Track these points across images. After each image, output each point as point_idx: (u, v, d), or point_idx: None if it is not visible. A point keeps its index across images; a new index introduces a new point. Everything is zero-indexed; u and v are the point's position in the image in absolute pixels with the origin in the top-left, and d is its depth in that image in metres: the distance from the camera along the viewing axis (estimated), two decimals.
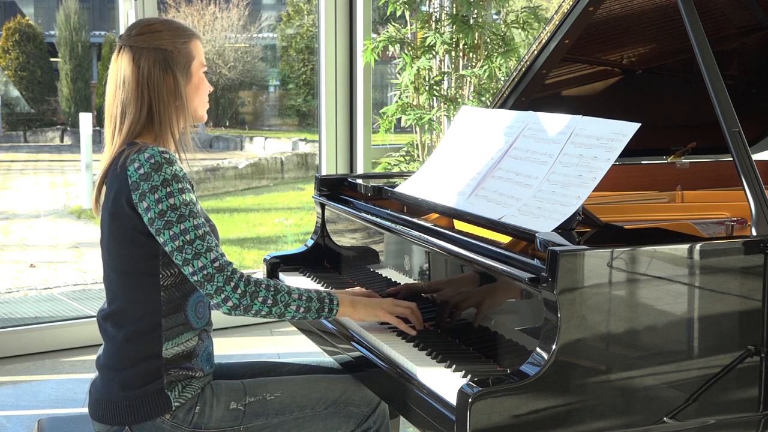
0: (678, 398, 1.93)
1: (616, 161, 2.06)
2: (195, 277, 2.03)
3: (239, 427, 2.14)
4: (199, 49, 2.20)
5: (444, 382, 1.92)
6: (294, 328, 2.52)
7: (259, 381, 2.24)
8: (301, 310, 2.11)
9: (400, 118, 4.92)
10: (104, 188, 2.13)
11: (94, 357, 2.21)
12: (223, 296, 2.02)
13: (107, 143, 2.16)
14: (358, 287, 2.52)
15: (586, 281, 1.83)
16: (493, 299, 2.07)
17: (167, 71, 2.13)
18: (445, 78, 5.02)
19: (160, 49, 2.13)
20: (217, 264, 2.03)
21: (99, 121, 9.24)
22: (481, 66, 4.77)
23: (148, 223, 2.03)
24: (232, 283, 2.03)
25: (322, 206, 2.90)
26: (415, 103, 4.97)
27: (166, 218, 2.01)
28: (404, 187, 2.56)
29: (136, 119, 2.12)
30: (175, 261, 2.04)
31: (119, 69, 2.14)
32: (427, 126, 4.85)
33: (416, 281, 2.37)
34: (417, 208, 2.53)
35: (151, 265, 2.07)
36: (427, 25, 4.94)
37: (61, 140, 9.33)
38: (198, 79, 2.21)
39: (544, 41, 2.78)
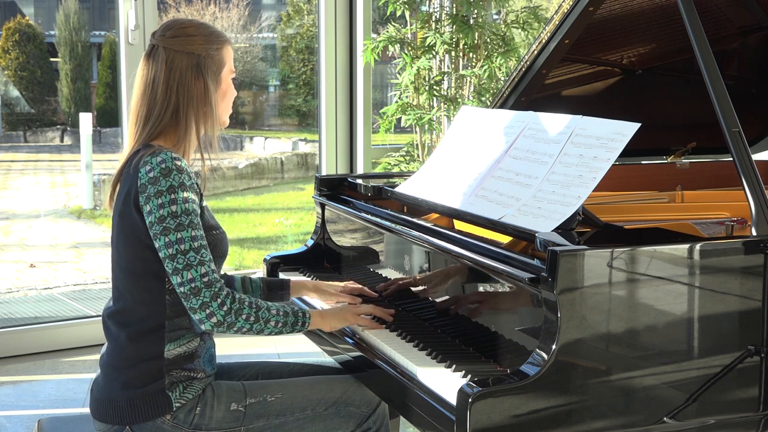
0: (678, 398, 1.93)
1: (616, 161, 2.06)
2: (182, 289, 2.01)
3: (240, 428, 2.14)
4: (230, 55, 2.21)
5: (444, 382, 1.92)
6: None
7: (260, 382, 2.24)
8: (279, 325, 2.11)
9: (400, 118, 4.92)
10: (118, 187, 2.14)
11: (94, 357, 2.22)
12: (207, 312, 2.01)
13: (128, 142, 2.16)
14: (351, 281, 2.52)
15: (586, 281, 1.83)
16: (493, 299, 2.07)
17: (199, 77, 2.13)
18: (445, 78, 5.02)
19: (194, 54, 2.13)
20: (206, 279, 2.01)
21: (99, 121, 9.22)
22: (481, 66, 4.77)
23: (148, 226, 2.03)
24: (219, 300, 2.01)
25: (322, 206, 2.90)
26: (415, 103, 4.97)
27: (164, 224, 2.01)
28: (404, 187, 2.56)
29: (159, 120, 2.12)
30: (166, 269, 2.03)
31: (150, 69, 2.14)
32: (427, 126, 4.84)
33: (415, 280, 2.37)
34: (417, 208, 2.53)
35: (157, 267, 2.07)
36: (427, 25, 4.94)
37: (61, 140, 9.31)
38: (226, 86, 2.21)
39: (544, 41, 2.78)
